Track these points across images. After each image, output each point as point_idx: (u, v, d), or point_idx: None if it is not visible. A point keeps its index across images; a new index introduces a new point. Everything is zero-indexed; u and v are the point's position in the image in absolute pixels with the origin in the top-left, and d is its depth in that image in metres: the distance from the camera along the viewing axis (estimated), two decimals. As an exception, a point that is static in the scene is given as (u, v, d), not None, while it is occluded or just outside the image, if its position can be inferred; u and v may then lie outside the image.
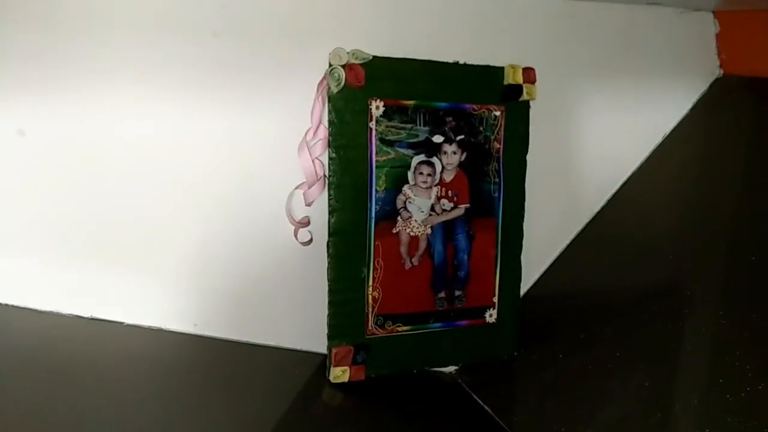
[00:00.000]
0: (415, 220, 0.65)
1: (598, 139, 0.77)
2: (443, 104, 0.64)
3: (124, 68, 0.59)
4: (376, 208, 0.63)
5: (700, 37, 0.80)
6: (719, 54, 0.81)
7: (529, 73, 0.67)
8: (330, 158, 0.61)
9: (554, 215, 0.76)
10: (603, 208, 0.78)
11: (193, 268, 0.63)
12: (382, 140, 0.62)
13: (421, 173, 0.64)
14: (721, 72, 0.82)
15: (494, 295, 0.69)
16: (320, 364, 0.65)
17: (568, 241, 0.78)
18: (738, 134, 0.76)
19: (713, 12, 0.80)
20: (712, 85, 0.81)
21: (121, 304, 0.62)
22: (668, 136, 0.80)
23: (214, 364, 0.63)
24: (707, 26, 0.81)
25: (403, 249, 0.65)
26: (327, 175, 0.62)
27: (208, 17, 0.61)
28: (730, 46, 0.80)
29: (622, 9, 0.75)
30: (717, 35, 0.81)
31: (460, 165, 0.66)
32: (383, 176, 0.63)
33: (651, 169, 0.79)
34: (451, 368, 0.71)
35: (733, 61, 0.81)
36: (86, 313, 0.62)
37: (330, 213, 0.61)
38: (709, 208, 0.71)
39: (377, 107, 0.62)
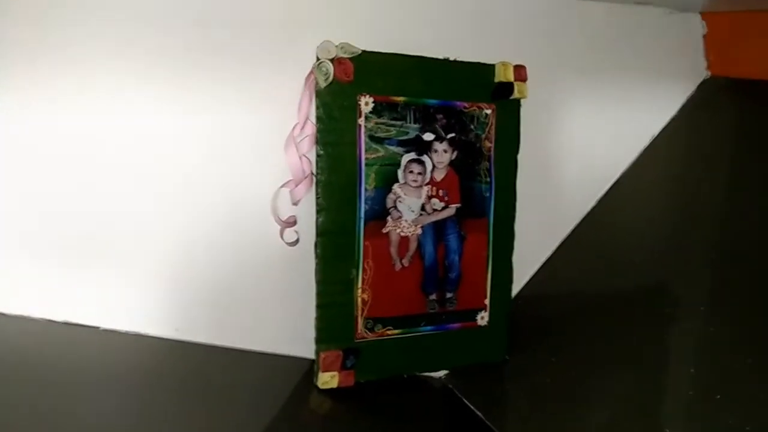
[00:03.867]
0: (406, 220, 0.65)
1: (588, 139, 0.79)
2: (434, 101, 0.65)
3: (102, 60, 0.59)
4: (365, 208, 0.63)
5: (688, 38, 0.84)
6: (706, 55, 0.85)
7: (520, 71, 0.68)
8: (317, 155, 0.61)
9: (545, 216, 0.77)
10: (593, 209, 0.80)
11: (174, 269, 0.63)
12: (372, 137, 0.63)
13: (412, 172, 0.65)
14: (709, 73, 0.85)
15: (486, 297, 0.70)
16: (308, 369, 0.65)
17: (558, 242, 0.79)
18: (725, 135, 0.79)
19: (701, 13, 0.84)
20: (699, 87, 0.84)
21: (97, 307, 0.62)
22: (657, 137, 0.83)
23: (196, 371, 0.62)
24: (695, 27, 0.84)
25: (393, 250, 0.65)
26: (314, 173, 0.62)
27: (191, 6, 0.61)
28: (718, 47, 0.83)
29: (612, 8, 0.78)
30: (704, 36, 0.84)
31: (451, 164, 0.67)
32: (372, 174, 0.63)
33: (640, 169, 0.81)
34: (442, 373, 0.72)
35: (720, 62, 0.84)
36: (59, 317, 0.61)
37: (317, 212, 0.62)
38: (697, 208, 0.74)
39: (366, 103, 0.62)
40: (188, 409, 0.57)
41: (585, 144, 0.79)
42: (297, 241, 0.65)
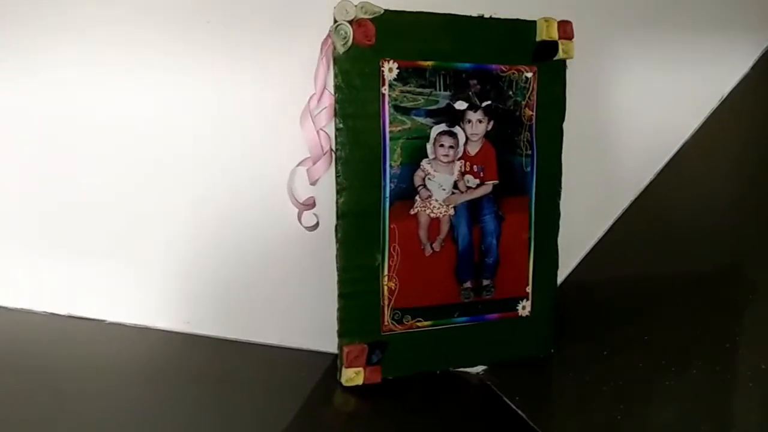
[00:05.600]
0: (436, 200, 0.64)
1: (644, 103, 0.76)
2: (466, 65, 0.64)
3: (95, 27, 0.59)
4: (390, 186, 0.62)
5: (763, -17, 0.80)
6: (784, 4, 0.80)
7: (565, 28, 0.67)
8: (337, 129, 0.60)
9: (595, 192, 0.75)
10: (651, 183, 0.78)
11: (184, 257, 0.63)
12: (397, 108, 0.62)
13: (442, 145, 0.63)
14: (787, 24, 0.81)
15: (528, 285, 0.69)
16: (330, 365, 0.65)
17: (611, 222, 0.77)
18: (806, 95, 0.76)
19: (777, -46, 0.80)
20: (775, 41, 0.80)
21: (101, 299, 0.62)
22: (725, 99, 0.79)
23: (208, 367, 0.62)
24: (771, -30, 0.80)
25: (422, 233, 0.64)
26: (334, 149, 0.61)
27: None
28: (797, -6, 0.79)
29: (674, -48, 0.75)
30: (782, -18, 0.80)
31: (487, 135, 0.65)
32: (398, 149, 0.62)
33: (706, 137, 0.78)
34: (479, 368, 0.71)
35: (800, 10, 0.80)
36: (62, 311, 0.61)
37: (338, 192, 0.61)
38: (771, 180, 0.71)
39: (390, 69, 0.61)
40: (200, 408, 0.56)
41: (641, 109, 0.76)
42: (316, 224, 0.65)
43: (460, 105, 0.64)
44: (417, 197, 0.63)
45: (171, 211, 0.62)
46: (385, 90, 0.61)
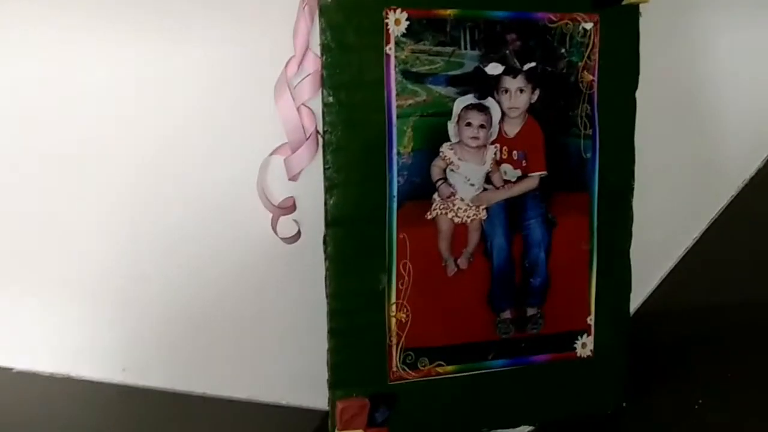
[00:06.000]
0: (462, 199, 0.57)
1: (748, 63, 0.67)
2: (502, 14, 0.56)
3: None
4: (399, 182, 0.55)
5: None
6: None
7: None
8: (325, 104, 0.53)
9: (681, 186, 0.67)
10: (757, 174, 0.69)
11: (120, 286, 0.56)
12: (407, 74, 0.54)
13: (470, 124, 0.55)
14: None
15: (589, 315, 0.61)
16: (319, 426, 0.58)
17: (703, 227, 0.69)
18: None
19: None
20: None
21: (7, 340, 0.55)
22: None
23: (152, 427, 0.57)
24: None
25: (443, 244, 0.57)
26: (321, 132, 0.54)
27: None
28: None
29: None
30: None
31: (531, 110, 0.57)
32: (409, 130, 0.55)
33: None
34: (525, 429, 0.64)
35: None
36: None
37: (327, 191, 0.54)
38: None
39: (397, 21, 0.54)
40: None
41: (744, 71, 0.67)
42: (297, 234, 0.57)
43: (494, 68, 0.56)
44: (435, 196, 0.56)
45: (99, 219, 0.55)
46: (390, 50, 0.53)
